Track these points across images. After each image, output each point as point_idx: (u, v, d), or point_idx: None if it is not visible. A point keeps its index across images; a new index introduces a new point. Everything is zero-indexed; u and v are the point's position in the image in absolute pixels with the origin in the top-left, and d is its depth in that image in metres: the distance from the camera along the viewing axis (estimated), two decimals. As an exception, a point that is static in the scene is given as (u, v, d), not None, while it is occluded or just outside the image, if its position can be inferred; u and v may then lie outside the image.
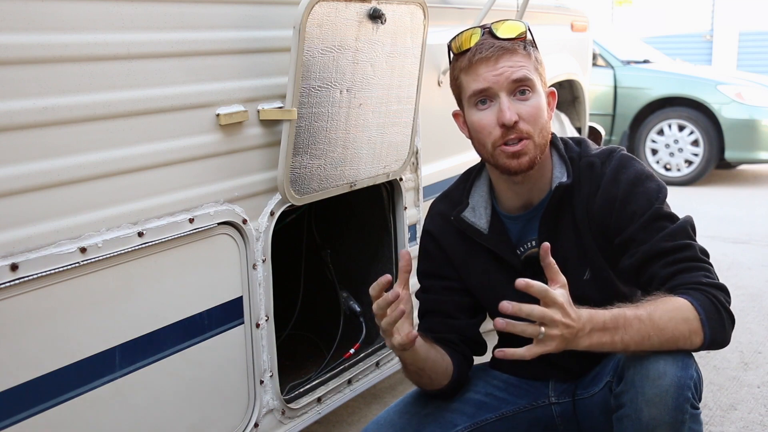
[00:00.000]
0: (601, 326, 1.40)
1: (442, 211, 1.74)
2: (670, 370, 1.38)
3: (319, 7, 1.70)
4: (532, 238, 1.66)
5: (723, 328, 1.45)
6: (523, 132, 1.53)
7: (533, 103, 1.54)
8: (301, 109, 1.75)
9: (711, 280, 1.48)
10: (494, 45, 1.54)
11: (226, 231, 1.70)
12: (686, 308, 1.43)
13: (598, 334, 1.40)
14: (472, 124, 1.59)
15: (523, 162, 1.55)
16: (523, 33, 1.56)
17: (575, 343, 1.39)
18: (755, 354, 3.10)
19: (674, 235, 1.52)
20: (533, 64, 1.56)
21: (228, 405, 1.76)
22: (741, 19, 13.29)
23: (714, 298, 1.45)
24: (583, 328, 1.38)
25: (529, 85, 1.54)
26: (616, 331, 1.40)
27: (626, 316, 1.41)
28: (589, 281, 1.62)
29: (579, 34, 4.01)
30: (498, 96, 1.53)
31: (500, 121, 1.52)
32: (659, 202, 1.55)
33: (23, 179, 1.30)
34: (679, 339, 1.42)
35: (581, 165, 1.62)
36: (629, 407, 1.41)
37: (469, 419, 1.69)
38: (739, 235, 5.01)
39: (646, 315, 1.41)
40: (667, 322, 1.41)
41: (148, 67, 1.49)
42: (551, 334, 1.36)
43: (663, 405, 1.37)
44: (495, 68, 1.53)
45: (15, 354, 1.31)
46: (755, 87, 6.83)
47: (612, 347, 1.41)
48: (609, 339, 1.40)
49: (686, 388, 1.38)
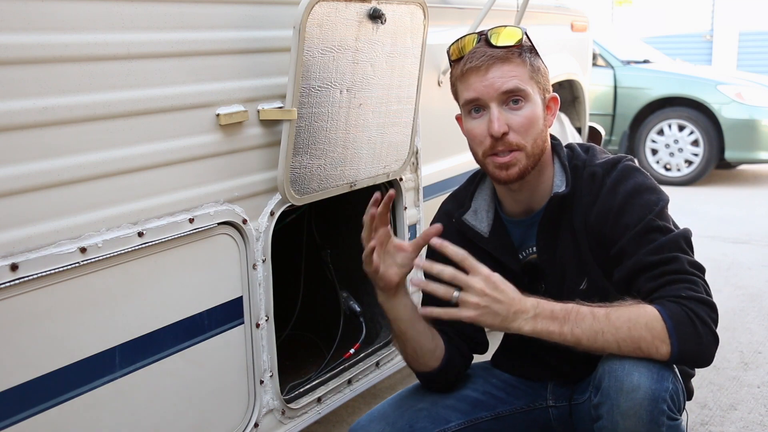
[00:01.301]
0: (549, 314, 1.43)
1: (448, 210, 1.75)
2: (644, 382, 1.37)
3: (319, 7, 1.70)
4: (533, 244, 1.67)
5: (697, 341, 1.40)
6: (513, 144, 1.52)
7: (525, 113, 1.53)
8: (301, 109, 1.75)
9: (692, 294, 1.43)
10: (485, 54, 1.52)
11: (226, 231, 1.70)
12: (651, 315, 1.40)
13: (544, 321, 1.42)
14: (467, 132, 1.60)
15: (512, 173, 1.54)
16: (519, 40, 1.54)
17: (514, 322, 1.43)
18: (755, 354, 3.10)
19: (662, 248, 1.48)
20: (528, 73, 1.54)
21: (228, 405, 1.76)
22: (741, 19, 13.29)
23: (689, 311, 1.41)
24: (525, 310, 1.42)
25: (521, 95, 1.52)
26: (566, 321, 1.42)
27: (580, 310, 1.43)
28: (586, 291, 1.60)
29: (579, 34, 4.01)
30: (489, 106, 1.53)
31: (489, 131, 1.52)
32: (654, 214, 1.51)
33: (23, 179, 1.29)
34: (640, 343, 1.40)
35: (584, 174, 1.60)
36: (606, 419, 1.41)
37: (463, 416, 1.68)
38: (739, 235, 5.01)
39: (603, 313, 1.42)
40: (625, 322, 1.40)
41: (148, 67, 1.49)
42: (467, 299, 1.42)
43: (637, 418, 1.37)
44: (485, 78, 1.52)
45: (15, 354, 1.31)
46: (755, 87, 6.83)
47: (561, 338, 1.43)
48: (557, 328, 1.42)
49: (661, 401, 1.37)
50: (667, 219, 1.54)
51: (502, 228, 1.68)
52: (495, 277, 1.44)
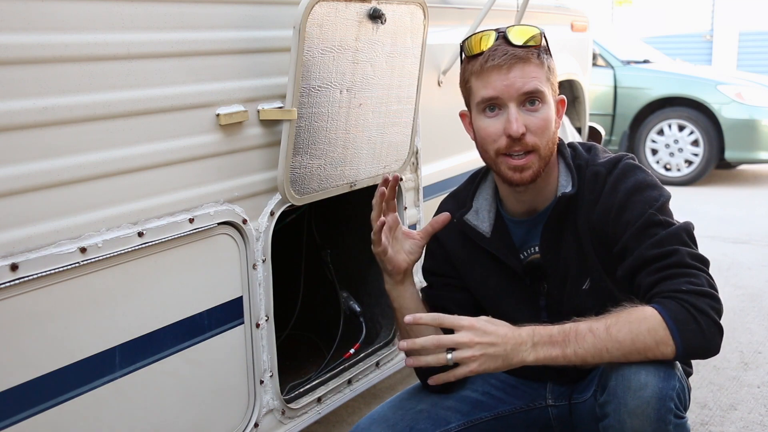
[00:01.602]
0: (547, 340, 1.41)
1: (448, 210, 1.74)
2: (651, 381, 1.37)
3: (319, 7, 1.70)
4: (535, 244, 1.66)
5: (700, 335, 1.39)
6: (529, 145, 1.52)
7: (542, 115, 1.52)
8: (301, 109, 1.75)
9: (693, 287, 1.42)
10: (507, 53, 1.50)
11: (226, 231, 1.70)
12: (652, 318, 1.39)
13: (545, 348, 1.41)
14: (479, 130, 1.58)
15: (526, 176, 1.54)
16: (538, 40, 1.53)
17: (516, 357, 1.41)
18: (755, 354, 3.10)
19: (662, 241, 1.47)
20: (545, 74, 1.53)
21: (228, 405, 1.76)
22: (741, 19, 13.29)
23: (689, 306, 1.39)
24: (522, 342, 1.41)
25: (539, 97, 1.52)
26: (566, 344, 1.40)
27: (578, 330, 1.41)
28: (589, 291, 1.60)
29: (579, 34, 4.01)
30: (507, 106, 1.51)
31: (507, 132, 1.51)
32: (654, 209, 1.51)
33: (23, 179, 1.29)
34: (645, 350, 1.39)
35: (587, 174, 1.60)
36: (613, 418, 1.40)
37: (463, 417, 1.69)
38: (739, 235, 5.01)
39: (603, 328, 1.40)
40: (627, 334, 1.39)
41: (148, 67, 1.49)
42: (465, 356, 1.40)
43: (645, 417, 1.36)
44: (506, 78, 1.50)
45: (15, 354, 1.31)
46: (755, 87, 6.83)
47: (566, 361, 1.41)
48: (560, 352, 1.41)
49: (668, 399, 1.37)
50: (669, 214, 1.54)
51: (503, 228, 1.67)
52: (479, 322, 1.43)
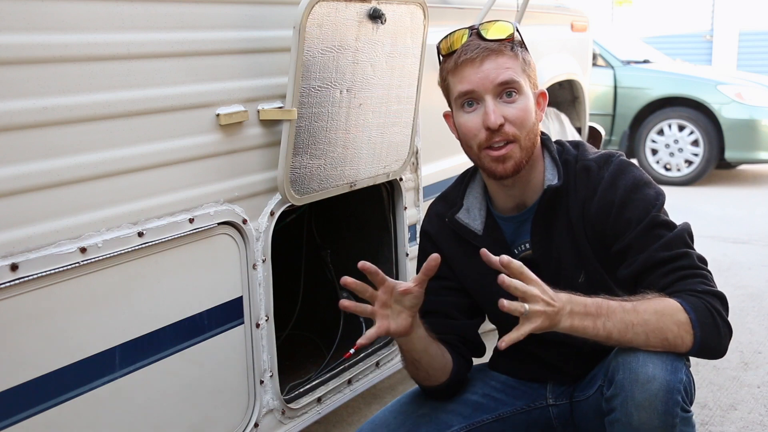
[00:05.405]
0: (582, 309, 1.41)
1: (438, 212, 1.74)
2: (659, 374, 1.38)
3: (319, 7, 1.70)
4: (526, 240, 1.66)
5: (717, 333, 1.44)
6: (509, 135, 1.53)
7: (520, 105, 1.54)
8: (301, 109, 1.75)
9: (707, 288, 1.47)
10: (479, 46, 1.53)
11: (226, 231, 1.70)
12: (676, 308, 1.43)
13: (579, 317, 1.41)
14: (459, 126, 1.60)
15: (508, 166, 1.54)
16: (510, 34, 1.55)
17: (557, 322, 1.40)
18: (755, 354, 3.10)
19: (671, 244, 1.51)
20: (520, 66, 1.55)
21: (228, 405, 1.76)
22: (741, 19, 13.29)
23: (709, 304, 1.44)
24: (564, 308, 1.40)
25: (515, 87, 1.53)
26: (599, 316, 1.41)
27: (609, 305, 1.43)
28: (584, 284, 1.60)
29: (579, 34, 4.00)
30: (484, 99, 1.52)
31: (485, 124, 1.52)
32: (656, 210, 1.54)
33: (23, 179, 1.29)
34: (667, 334, 1.41)
35: (577, 168, 1.61)
36: (620, 411, 1.41)
37: (464, 420, 1.69)
38: (739, 235, 5.01)
39: (632, 306, 1.42)
40: (652, 315, 1.41)
41: (148, 67, 1.49)
42: (534, 309, 1.37)
43: (653, 409, 1.37)
44: (480, 70, 1.52)
45: (15, 354, 1.31)
46: (755, 87, 6.83)
47: (594, 332, 1.41)
48: (591, 323, 1.41)
49: (676, 392, 1.38)
50: (667, 213, 1.57)
51: (494, 225, 1.68)
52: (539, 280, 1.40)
